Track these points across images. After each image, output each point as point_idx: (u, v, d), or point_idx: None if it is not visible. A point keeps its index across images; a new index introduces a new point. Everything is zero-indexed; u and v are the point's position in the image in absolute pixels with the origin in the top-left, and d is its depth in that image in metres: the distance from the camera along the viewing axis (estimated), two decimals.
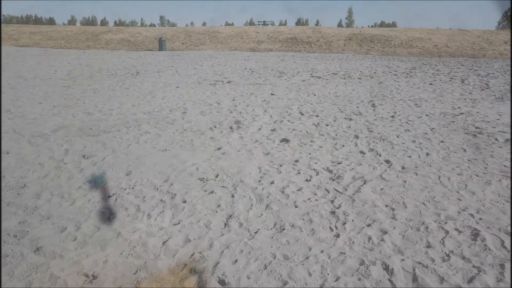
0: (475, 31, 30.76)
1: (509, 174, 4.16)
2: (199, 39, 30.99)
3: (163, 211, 3.30)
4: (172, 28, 40.77)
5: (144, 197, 3.57)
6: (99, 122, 6.37)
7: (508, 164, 4.50)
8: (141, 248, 2.74)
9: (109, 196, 3.56)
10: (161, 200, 3.51)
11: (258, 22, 53.50)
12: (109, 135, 5.60)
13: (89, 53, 24.10)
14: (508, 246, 2.79)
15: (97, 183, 3.54)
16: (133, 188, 3.77)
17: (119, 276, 2.44)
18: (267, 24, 47.80)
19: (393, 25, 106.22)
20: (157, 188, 3.76)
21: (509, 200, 3.55)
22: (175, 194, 3.62)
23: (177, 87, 10.36)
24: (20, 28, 37.23)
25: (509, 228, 3.04)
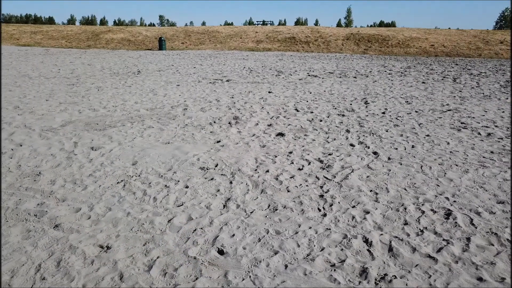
0: (472, 31, 31.13)
1: (486, 164, 4.51)
2: (198, 38, 31.32)
3: (167, 195, 3.63)
4: (172, 27, 41.06)
5: (150, 183, 3.91)
6: (104, 118, 6.70)
7: (487, 155, 4.85)
8: (149, 225, 3.08)
9: (117, 183, 3.90)
10: (166, 185, 3.85)
11: (257, 21, 53.91)
12: (115, 130, 5.94)
13: (90, 52, 24.42)
14: (476, 223, 3.13)
15: None
16: (139, 175, 4.11)
17: (130, 247, 2.77)
18: (266, 24, 48.19)
19: (392, 24, 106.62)
20: (162, 176, 4.10)
21: (483, 185, 3.89)
22: (178, 181, 3.96)
23: (178, 85, 10.70)
24: (21, 28, 37.51)
25: (479, 208, 3.38)
